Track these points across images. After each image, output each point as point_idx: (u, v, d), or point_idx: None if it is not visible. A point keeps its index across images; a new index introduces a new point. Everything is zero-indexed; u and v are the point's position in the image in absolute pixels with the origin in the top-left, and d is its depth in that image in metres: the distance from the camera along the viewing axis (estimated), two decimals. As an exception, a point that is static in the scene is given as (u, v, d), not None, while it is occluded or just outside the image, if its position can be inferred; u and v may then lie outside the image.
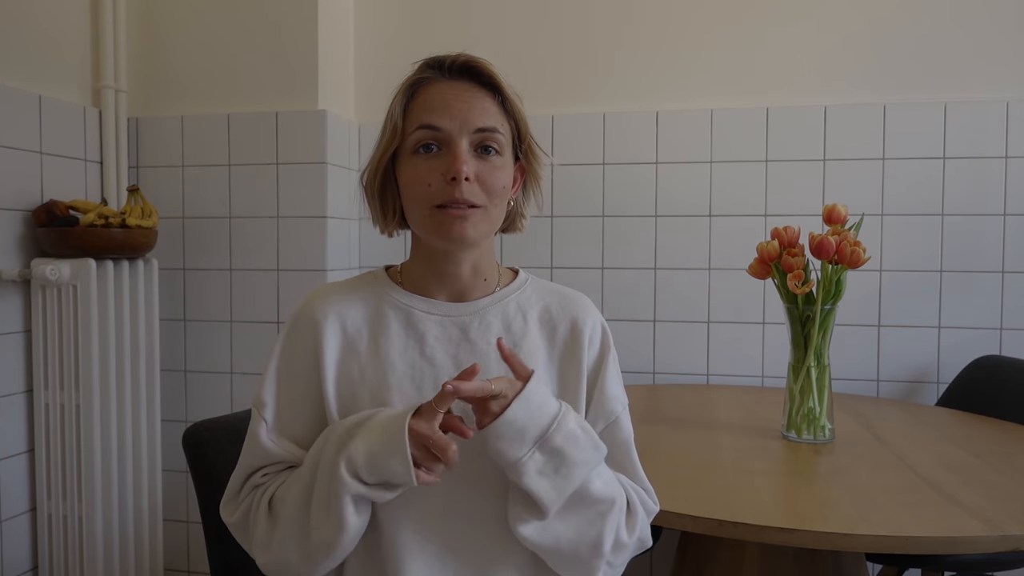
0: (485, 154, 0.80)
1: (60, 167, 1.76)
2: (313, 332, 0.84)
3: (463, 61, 0.81)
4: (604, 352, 0.88)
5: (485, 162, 0.80)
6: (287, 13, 1.89)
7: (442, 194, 0.78)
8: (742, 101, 1.94)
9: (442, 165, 0.78)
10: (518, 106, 0.84)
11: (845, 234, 1.32)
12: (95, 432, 1.66)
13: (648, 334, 1.99)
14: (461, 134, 0.79)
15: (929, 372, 1.88)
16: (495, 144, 0.80)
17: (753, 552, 1.22)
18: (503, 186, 0.81)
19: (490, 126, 0.80)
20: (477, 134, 0.79)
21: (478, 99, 0.80)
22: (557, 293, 0.90)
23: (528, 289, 0.90)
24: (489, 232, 0.83)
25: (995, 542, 0.92)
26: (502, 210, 0.83)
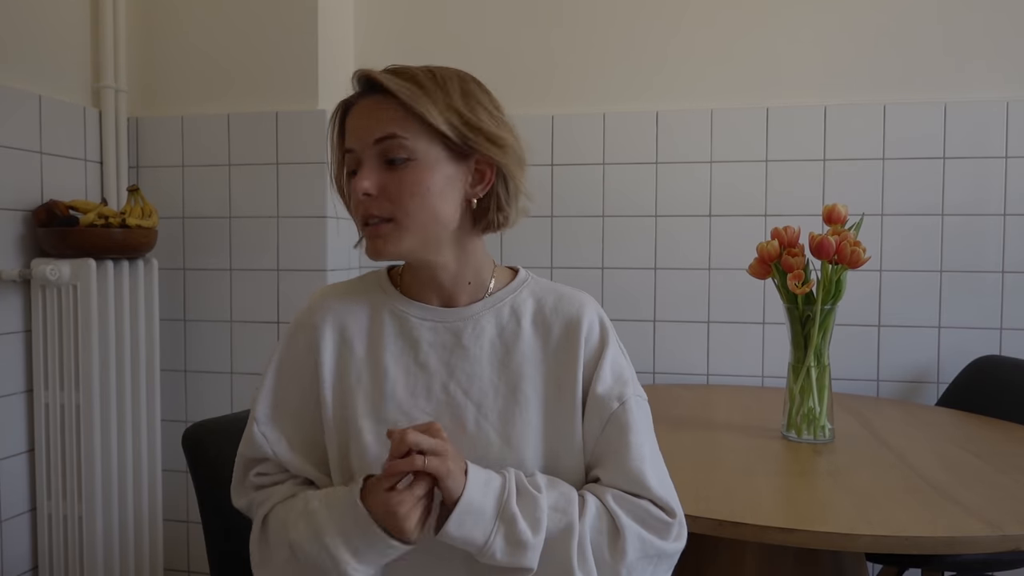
0: (392, 165, 0.78)
1: (60, 167, 1.76)
2: (312, 336, 0.86)
3: (359, 76, 0.80)
4: (602, 347, 0.85)
5: (394, 172, 0.77)
6: (287, 13, 1.89)
7: (358, 211, 0.79)
8: (742, 101, 1.94)
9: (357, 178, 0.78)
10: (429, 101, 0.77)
11: (845, 234, 1.32)
12: (95, 432, 1.66)
13: (648, 334, 1.99)
14: (365, 152, 0.78)
15: (929, 372, 1.88)
16: (400, 152, 0.77)
17: (753, 552, 1.22)
18: (414, 193, 0.77)
19: (387, 134, 0.77)
20: (377, 146, 0.77)
21: (379, 110, 0.78)
22: (554, 292, 0.88)
23: (524, 290, 0.88)
24: (419, 243, 0.79)
25: (995, 542, 0.92)
26: (429, 216, 0.78)
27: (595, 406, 0.83)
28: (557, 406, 0.83)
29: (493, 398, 0.82)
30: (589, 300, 0.89)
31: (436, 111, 0.77)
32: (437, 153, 0.78)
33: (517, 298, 0.87)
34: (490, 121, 0.80)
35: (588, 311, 0.86)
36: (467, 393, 0.82)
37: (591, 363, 0.84)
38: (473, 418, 0.82)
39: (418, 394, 0.82)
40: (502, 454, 0.80)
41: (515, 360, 0.83)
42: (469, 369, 0.83)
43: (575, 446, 0.82)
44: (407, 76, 0.78)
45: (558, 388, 0.83)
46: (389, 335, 0.84)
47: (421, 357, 0.83)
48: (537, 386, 0.83)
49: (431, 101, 0.77)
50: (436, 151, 0.78)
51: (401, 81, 0.77)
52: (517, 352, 0.83)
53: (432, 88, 0.78)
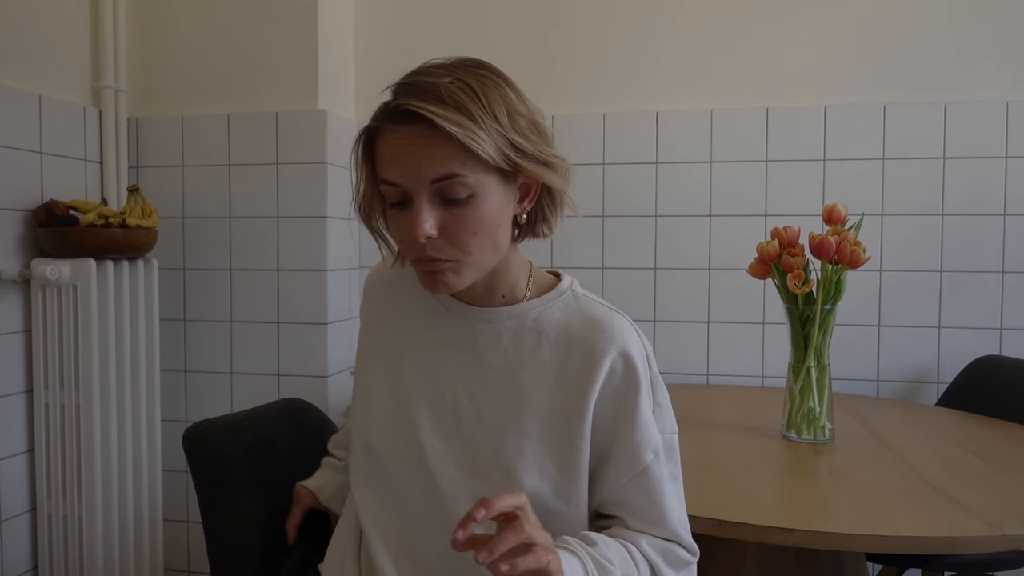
0: (451, 205, 0.73)
1: (60, 167, 1.76)
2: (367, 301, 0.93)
3: (402, 110, 0.71)
4: (630, 390, 0.79)
5: (452, 211, 0.73)
6: (287, 13, 1.89)
7: (412, 252, 0.76)
8: (742, 101, 1.94)
9: (406, 223, 0.74)
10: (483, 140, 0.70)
11: (845, 234, 1.32)
12: (95, 432, 1.66)
13: (648, 334, 1.98)
14: (419, 189, 0.72)
15: (929, 372, 1.88)
16: (458, 191, 0.72)
17: (753, 552, 1.22)
18: (475, 231, 0.73)
19: (446, 174, 0.71)
20: (435, 185, 0.72)
21: (429, 145, 0.71)
22: (587, 314, 0.82)
23: (557, 304, 0.83)
24: (479, 273, 0.78)
25: (995, 542, 0.92)
26: (490, 249, 0.76)
27: (626, 456, 0.79)
28: (559, 436, 0.79)
29: (494, 409, 0.80)
30: (622, 330, 0.81)
31: (490, 142, 0.71)
32: (491, 182, 0.74)
33: (544, 312, 0.83)
34: (535, 136, 0.76)
35: (615, 342, 0.79)
36: (471, 396, 0.81)
37: (616, 403, 0.79)
38: (470, 422, 0.81)
39: (429, 383, 0.84)
40: (487, 465, 0.79)
41: (524, 377, 0.80)
42: (477, 373, 0.82)
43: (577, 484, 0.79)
44: (453, 101, 0.70)
45: (564, 418, 0.79)
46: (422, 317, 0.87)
47: (439, 349, 0.84)
48: (540, 410, 0.80)
49: (483, 131, 0.71)
50: (491, 180, 0.74)
51: (450, 113, 0.70)
52: (528, 369, 0.80)
53: (479, 113, 0.71)
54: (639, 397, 0.79)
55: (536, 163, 0.75)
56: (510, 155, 0.73)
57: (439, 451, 0.81)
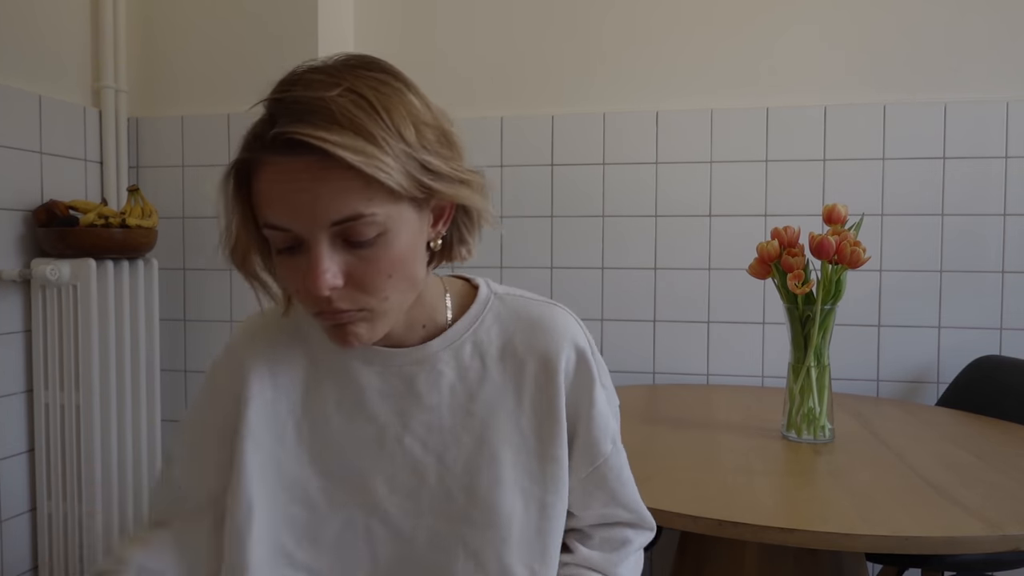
0: (357, 246, 0.61)
1: (60, 167, 1.76)
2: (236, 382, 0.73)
3: (285, 138, 0.57)
4: (586, 382, 0.74)
5: (358, 255, 0.61)
6: (287, 14, 1.89)
7: (312, 304, 0.63)
8: (742, 101, 1.94)
9: (302, 271, 0.61)
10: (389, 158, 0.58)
11: (845, 234, 1.32)
12: (95, 432, 1.66)
13: (648, 334, 1.99)
14: (315, 233, 0.59)
15: (929, 372, 1.88)
16: (366, 231, 0.60)
17: (753, 552, 1.22)
18: (390, 272, 0.62)
19: (350, 215, 0.59)
20: (336, 228, 0.59)
21: (324, 180, 0.57)
22: (524, 318, 0.75)
23: (488, 317, 0.74)
24: (397, 317, 0.67)
25: (995, 542, 0.92)
26: (407, 288, 0.65)
27: (585, 451, 0.75)
28: (537, 455, 0.73)
29: (456, 451, 0.72)
30: (565, 324, 0.75)
31: (398, 168, 0.59)
32: (403, 213, 0.62)
33: (480, 331, 0.74)
34: (446, 150, 0.64)
35: (565, 339, 0.74)
36: (425, 445, 0.72)
37: (575, 400, 0.74)
38: (435, 472, 0.72)
39: (367, 446, 0.72)
40: (468, 510, 0.71)
41: (481, 406, 0.72)
42: (426, 419, 0.72)
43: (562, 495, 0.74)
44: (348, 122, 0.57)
45: (537, 436, 0.73)
46: (328, 381, 0.73)
47: (368, 405, 0.72)
48: (509, 435, 0.72)
49: (390, 155, 0.58)
50: (402, 211, 0.62)
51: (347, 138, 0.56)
52: (482, 397, 0.72)
53: (382, 133, 0.58)
54: (594, 389, 0.74)
55: (452, 183, 0.63)
56: (422, 179, 0.61)
57: (409, 511, 0.72)
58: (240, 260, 0.68)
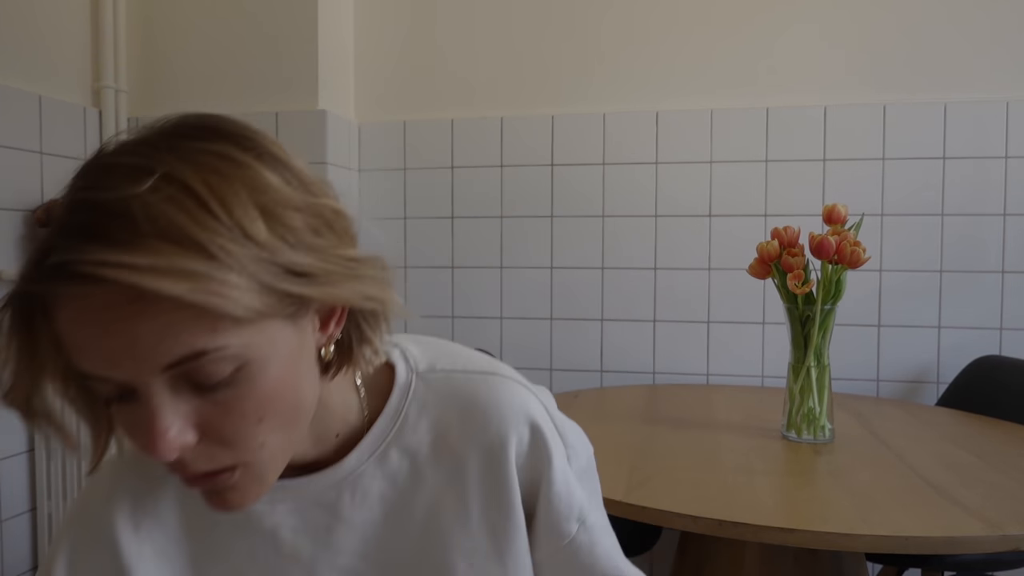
0: (209, 389, 0.44)
1: (60, 167, 1.76)
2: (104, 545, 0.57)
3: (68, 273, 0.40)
4: (542, 460, 0.60)
5: (212, 400, 0.45)
6: (287, 13, 1.89)
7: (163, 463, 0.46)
8: (742, 101, 1.94)
9: (141, 426, 0.44)
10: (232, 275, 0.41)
11: (845, 234, 1.32)
12: (95, 432, 1.66)
13: (648, 334, 1.99)
14: (144, 383, 0.43)
15: (929, 372, 1.88)
16: (215, 370, 0.43)
17: (753, 552, 1.22)
18: (262, 417, 0.46)
19: (186, 354, 0.42)
20: (170, 372, 0.43)
21: (140, 317, 0.40)
22: (457, 402, 0.60)
23: (412, 411, 0.60)
24: (286, 460, 0.51)
25: (995, 542, 0.92)
26: (292, 425, 0.49)
27: (548, 531, 0.62)
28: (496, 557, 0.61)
29: (403, 562, 0.60)
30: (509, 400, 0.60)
31: (244, 283, 0.41)
32: (267, 333, 0.45)
33: (405, 429, 0.59)
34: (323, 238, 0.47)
35: (514, 421, 0.60)
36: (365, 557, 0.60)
37: (530, 481, 0.61)
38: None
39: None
40: None
41: (419, 514, 0.59)
42: (362, 536, 0.59)
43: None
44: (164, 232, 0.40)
45: (492, 533, 0.60)
46: (229, 531, 0.58)
47: (286, 548, 0.58)
48: (457, 541, 0.60)
49: (230, 268, 0.41)
50: (268, 331, 0.45)
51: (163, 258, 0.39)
52: (421, 505, 0.60)
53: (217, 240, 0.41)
54: (552, 466, 0.61)
55: (333, 283, 0.46)
56: (288, 288, 0.44)
57: None
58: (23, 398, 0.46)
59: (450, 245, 2.06)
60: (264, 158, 0.46)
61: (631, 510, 1.03)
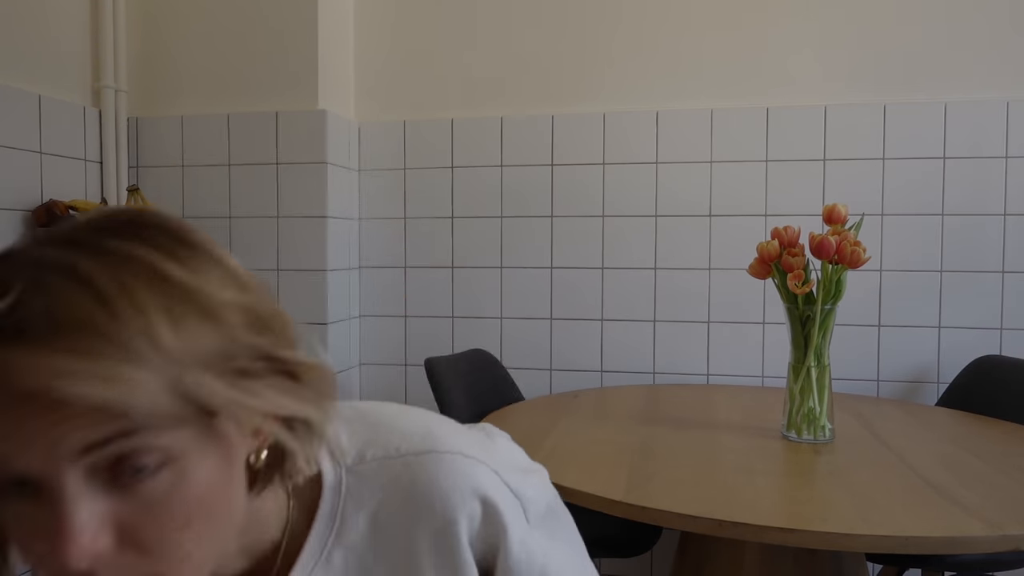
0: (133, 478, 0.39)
1: (60, 167, 1.76)
2: None
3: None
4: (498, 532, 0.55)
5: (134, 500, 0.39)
6: (287, 13, 1.89)
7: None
8: (742, 101, 1.94)
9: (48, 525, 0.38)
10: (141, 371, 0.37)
11: (845, 234, 1.32)
12: (95, 432, 1.66)
13: (648, 334, 1.99)
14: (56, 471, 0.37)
15: (929, 372, 1.88)
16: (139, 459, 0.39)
17: (753, 552, 1.22)
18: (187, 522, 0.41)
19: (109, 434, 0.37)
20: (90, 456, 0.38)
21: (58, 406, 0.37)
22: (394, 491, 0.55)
23: (348, 508, 0.54)
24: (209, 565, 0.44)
25: (995, 542, 0.92)
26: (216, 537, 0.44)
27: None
28: None
29: None
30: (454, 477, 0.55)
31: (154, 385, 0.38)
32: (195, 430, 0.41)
33: (344, 529, 0.54)
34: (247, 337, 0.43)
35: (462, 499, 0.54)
36: None
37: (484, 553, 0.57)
38: None
39: None
40: None
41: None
42: None
43: None
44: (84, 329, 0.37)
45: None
46: None
47: None
48: None
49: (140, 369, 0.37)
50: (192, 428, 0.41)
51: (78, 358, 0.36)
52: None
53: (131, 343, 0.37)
54: (507, 536, 0.56)
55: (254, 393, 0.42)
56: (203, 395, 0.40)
57: None
58: None
59: (450, 245, 2.06)
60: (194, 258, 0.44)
61: (631, 510, 1.03)
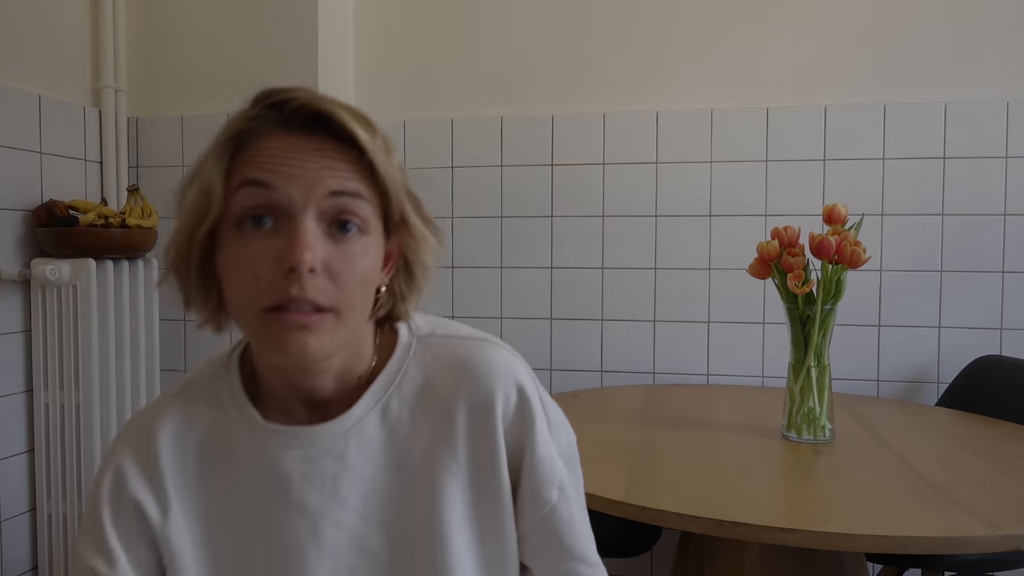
0: (342, 232, 0.57)
1: (60, 167, 1.76)
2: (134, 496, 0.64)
3: (309, 109, 0.57)
4: (526, 424, 0.66)
5: (341, 246, 0.57)
6: (287, 13, 1.89)
7: (274, 291, 0.55)
8: (742, 101, 1.94)
9: (276, 248, 0.56)
10: (387, 166, 0.59)
11: (845, 234, 1.32)
12: (95, 432, 1.66)
13: (648, 334, 1.99)
14: (307, 203, 0.56)
15: (929, 372, 1.88)
16: (356, 218, 0.58)
17: (753, 552, 1.22)
18: (364, 280, 0.59)
19: (349, 189, 0.57)
20: (331, 200, 0.57)
21: (332, 157, 0.57)
22: (449, 362, 0.67)
23: (412, 366, 0.67)
24: (345, 342, 0.60)
25: (995, 542, 0.92)
26: (364, 309, 0.61)
27: (530, 497, 0.67)
28: (483, 507, 0.66)
29: (398, 515, 0.65)
30: (499, 363, 0.67)
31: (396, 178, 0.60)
32: (377, 230, 0.61)
33: (404, 382, 0.67)
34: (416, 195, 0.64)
35: (501, 381, 0.66)
36: (366, 518, 0.64)
37: (515, 444, 0.66)
38: (381, 543, 0.64)
39: (302, 540, 0.63)
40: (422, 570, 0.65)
41: (415, 463, 0.65)
42: (363, 490, 0.64)
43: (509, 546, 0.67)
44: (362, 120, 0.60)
45: (478, 487, 0.66)
46: (244, 471, 0.65)
47: (295, 496, 0.63)
48: (450, 492, 0.65)
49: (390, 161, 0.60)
50: (378, 228, 0.61)
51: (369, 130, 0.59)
52: (416, 453, 0.65)
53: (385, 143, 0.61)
54: (535, 430, 0.66)
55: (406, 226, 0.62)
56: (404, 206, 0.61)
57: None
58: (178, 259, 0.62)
59: (450, 245, 2.06)
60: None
61: (631, 510, 1.03)
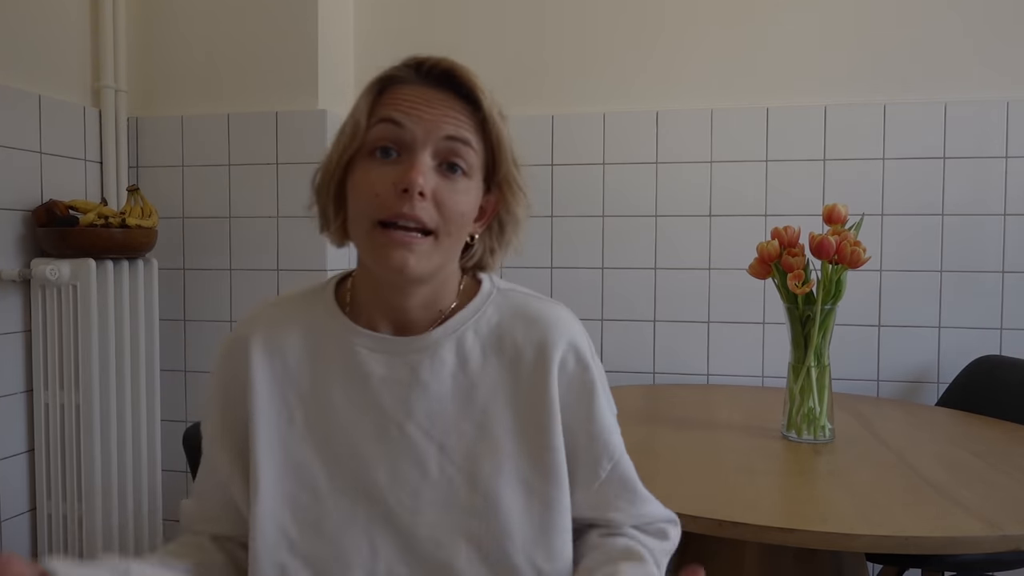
0: (450, 172, 0.70)
1: (60, 167, 1.76)
2: (243, 363, 0.75)
3: (444, 67, 0.71)
4: (586, 385, 0.76)
5: (448, 181, 0.70)
6: (287, 13, 1.89)
7: (388, 207, 0.67)
8: (742, 101, 1.94)
9: (396, 173, 0.68)
10: (500, 127, 0.73)
11: (845, 234, 1.32)
12: (95, 432, 1.66)
13: (648, 334, 1.98)
14: (426, 141, 0.69)
15: (929, 372, 1.88)
16: (463, 161, 0.70)
17: (753, 552, 1.22)
18: (462, 212, 0.70)
19: (462, 136, 0.70)
20: (445, 142, 0.69)
21: (453, 109, 0.71)
22: (523, 311, 0.77)
23: (490, 309, 0.77)
24: (440, 266, 0.71)
25: (995, 542, 0.92)
26: (458, 241, 0.72)
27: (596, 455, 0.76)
28: (535, 444, 0.73)
29: (457, 439, 0.73)
30: (564, 322, 0.77)
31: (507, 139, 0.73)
32: (478, 179, 0.73)
33: (481, 320, 0.76)
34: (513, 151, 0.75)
35: (563, 334, 0.76)
36: (428, 434, 0.72)
37: (575, 397, 0.75)
38: (436, 461, 0.72)
39: (370, 435, 0.72)
40: (470, 500, 0.71)
41: (481, 395, 0.73)
42: (429, 407, 0.73)
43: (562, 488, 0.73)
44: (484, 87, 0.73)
45: (535, 426, 0.73)
46: (335, 366, 0.75)
47: (372, 394, 0.73)
48: (508, 425, 0.73)
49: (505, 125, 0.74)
50: (478, 177, 0.73)
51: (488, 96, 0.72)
52: (483, 386, 0.74)
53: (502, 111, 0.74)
54: (595, 391, 0.76)
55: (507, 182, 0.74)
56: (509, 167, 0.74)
57: (408, 506, 0.71)
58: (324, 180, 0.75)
59: (450, 245, 2.05)
60: None
61: (631, 510, 1.02)
